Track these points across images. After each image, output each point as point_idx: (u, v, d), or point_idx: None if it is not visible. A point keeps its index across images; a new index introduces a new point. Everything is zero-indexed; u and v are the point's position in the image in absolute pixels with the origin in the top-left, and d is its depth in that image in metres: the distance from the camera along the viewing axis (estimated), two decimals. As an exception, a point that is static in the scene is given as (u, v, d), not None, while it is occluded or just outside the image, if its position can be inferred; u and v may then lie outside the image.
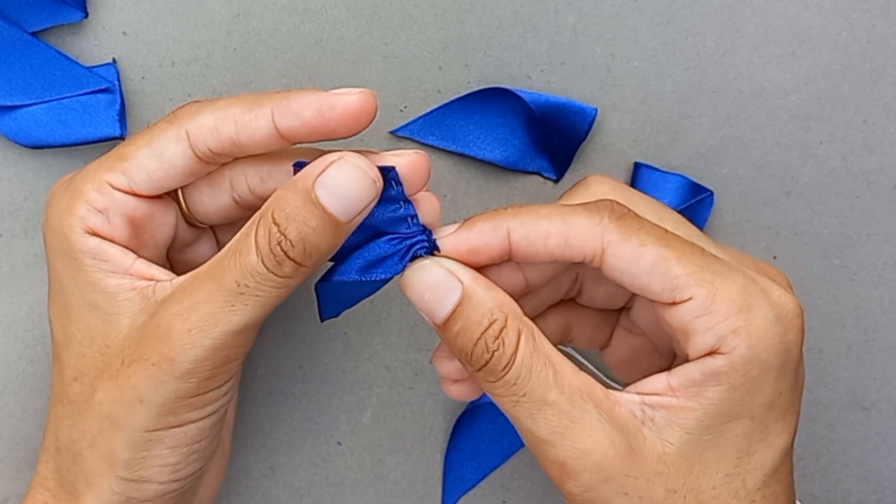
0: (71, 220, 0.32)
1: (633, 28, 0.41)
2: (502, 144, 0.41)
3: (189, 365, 0.31)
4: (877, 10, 0.41)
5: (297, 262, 0.30)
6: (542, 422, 0.30)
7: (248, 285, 0.30)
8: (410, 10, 0.41)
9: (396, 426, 0.42)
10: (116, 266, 0.32)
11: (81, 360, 0.33)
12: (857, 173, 0.42)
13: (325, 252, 0.30)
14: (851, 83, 0.41)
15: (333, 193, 0.30)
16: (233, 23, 0.40)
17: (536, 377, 0.30)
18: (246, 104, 0.32)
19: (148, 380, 0.31)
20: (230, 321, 0.30)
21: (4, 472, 0.41)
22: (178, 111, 0.33)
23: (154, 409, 0.31)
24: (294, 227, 0.30)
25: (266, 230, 0.30)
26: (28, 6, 0.39)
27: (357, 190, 0.30)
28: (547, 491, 0.42)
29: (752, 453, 0.31)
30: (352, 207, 0.30)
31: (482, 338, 0.30)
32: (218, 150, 0.32)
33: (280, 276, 0.30)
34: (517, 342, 0.30)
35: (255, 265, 0.30)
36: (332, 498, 0.42)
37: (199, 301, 0.31)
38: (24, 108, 0.39)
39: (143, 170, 0.32)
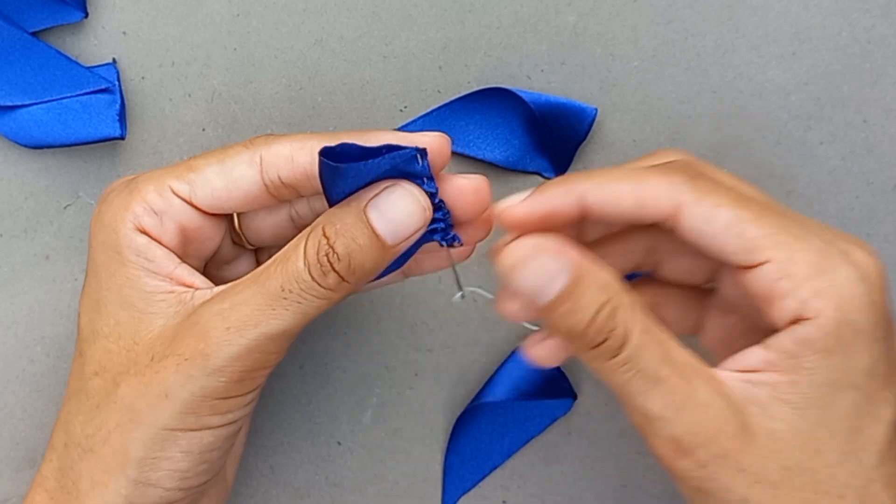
0: (125, 214, 0.33)
1: (633, 28, 0.41)
2: (502, 144, 0.41)
3: (222, 362, 0.31)
4: (877, 10, 0.41)
5: (341, 275, 0.31)
6: (656, 398, 0.30)
7: (292, 291, 0.31)
8: (410, 10, 0.41)
9: (396, 426, 0.42)
10: (159, 267, 0.33)
11: (106, 355, 0.33)
12: (857, 173, 0.42)
13: (369, 271, 0.31)
14: (851, 83, 0.41)
15: (384, 216, 0.31)
16: (233, 23, 0.40)
17: (650, 355, 0.30)
18: (324, 137, 0.33)
19: (177, 374, 0.31)
20: (269, 324, 0.31)
21: (4, 472, 0.41)
22: (255, 138, 0.34)
23: (178, 406, 0.31)
24: (342, 241, 0.31)
25: (315, 241, 0.31)
26: (28, 6, 0.39)
27: (407, 216, 0.31)
28: (547, 491, 0.42)
29: (863, 428, 0.30)
30: (400, 232, 0.31)
31: (595, 319, 0.30)
32: (289, 180, 0.33)
33: (323, 287, 0.31)
34: (630, 321, 0.30)
35: (300, 272, 0.31)
36: (332, 498, 0.42)
37: (240, 302, 0.31)
38: (24, 108, 0.39)
39: (209, 185, 0.33)
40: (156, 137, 0.41)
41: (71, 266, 0.41)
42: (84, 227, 0.41)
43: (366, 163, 0.30)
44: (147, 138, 0.41)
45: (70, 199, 0.41)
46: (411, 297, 0.42)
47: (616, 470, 0.42)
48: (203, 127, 0.41)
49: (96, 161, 0.40)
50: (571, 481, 0.42)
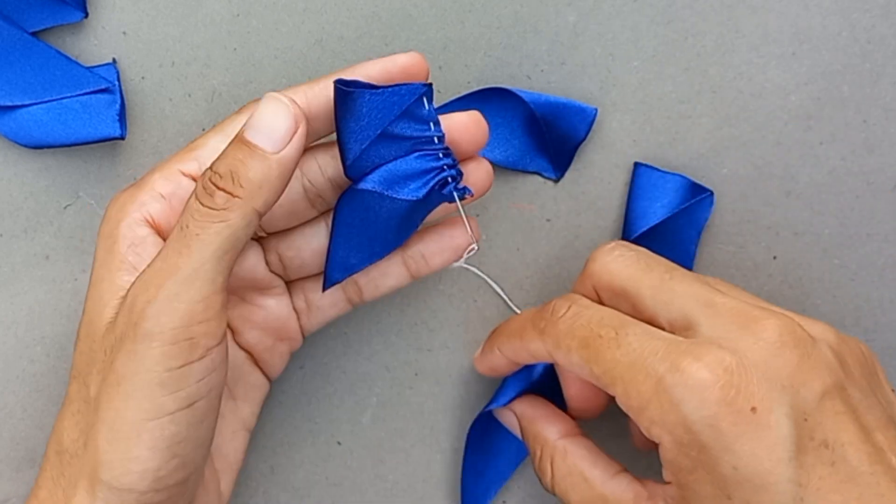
0: (129, 206, 0.33)
1: (633, 28, 0.41)
2: (502, 144, 0.41)
3: (150, 324, 0.30)
4: (877, 10, 0.41)
5: (227, 190, 0.31)
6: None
7: (188, 226, 0.31)
8: (410, 10, 0.41)
9: (396, 426, 0.42)
10: (140, 265, 0.33)
11: (79, 357, 0.33)
12: (857, 173, 0.42)
13: (256, 181, 0.31)
14: (851, 83, 0.41)
15: (254, 128, 0.31)
16: (233, 23, 0.40)
17: (573, 493, 0.35)
18: (311, 81, 0.34)
19: (122, 356, 0.31)
20: (180, 268, 0.31)
21: (4, 473, 0.41)
22: (245, 105, 0.35)
23: (129, 389, 0.31)
24: (223, 161, 0.31)
25: (201, 176, 0.32)
26: (28, 6, 0.39)
27: (276, 119, 0.32)
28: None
29: None
30: (274, 136, 0.31)
31: (534, 466, 0.38)
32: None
33: (214, 209, 0.31)
34: (551, 469, 0.36)
35: (192, 204, 0.31)
36: (332, 498, 0.42)
37: (153, 262, 0.31)
38: (24, 108, 0.39)
39: (215, 152, 0.33)
40: (156, 137, 0.41)
41: (71, 266, 0.41)
42: (84, 227, 0.41)
43: (376, 91, 0.32)
44: (147, 138, 0.41)
45: (70, 199, 0.41)
46: (411, 297, 0.42)
47: (616, 470, 0.42)
48: (203, 127, 0.41)
49: (96, 161, 0.41)
50: (571, 481, 0.42)
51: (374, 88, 0.33)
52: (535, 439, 0.37)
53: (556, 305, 0.36)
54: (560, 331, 0.35)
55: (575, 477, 0.36)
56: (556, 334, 0.35)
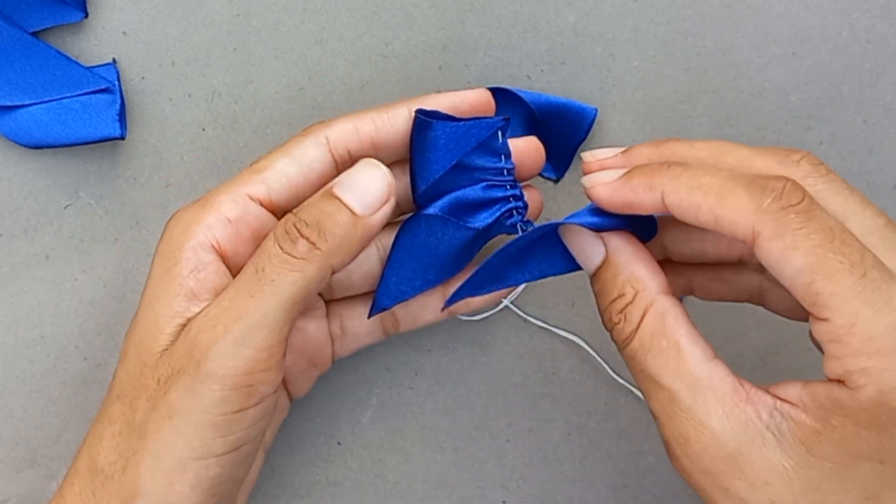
0: (196, 227, 0.32)
1: (633, 28, 0.41)
2: (502, 144, 0.41)
3: (214, 366, 0.30)
4: (877, 10, 0.41)
5: (311, 241, 0.31)
6: (655, 399, 0.31)
7: (265, 269, 0.31)
8: (410, 10, 0.41)
9: (396, 426, 0.42)
10: (202, 291, 0.32)
11: (126, 377, 0.32)
12: (857, 173, 0.42)
13: (340, 237, 0.31)
14: (851, 83, 0.41)
15: (349, 187, 0.32)
16: (233, 23, 0.40)
17: (654, 358, 0.30)
18: (381, 108, 0.34)
19: (177, 391, 0.30)
20: (249, 313, 0.30)
21: (4, 473, 0.41)
22: (308, 127, 0.34)
23: (181, 427, 0.30)
24: (310, 210, 0.31)
25: (284, 220, 0.31)
26: (28, 6, 0.39)
27: (371, 184, 0.32)
28: (547, 491, 0.42)
29: (882, 499, 0.29)
30: (367, 200, 0.32)
31: (609, 308, 0.32)
32: (357, 151, 0.34)
33: (295, 257, 0.31)
34: (639, 321, 0.31)
35: (270, 248, 0.31)
36: (332, 498, 0.42)
37: (223, 299, 0.31)
38: (24, 108, 0.39)
39: (283, 175, 0.33)
40: (156, 137, 0.41)
41: (71, 266, 0.41)
42: (84, 227, 0.41)
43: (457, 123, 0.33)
44: (147, 138, 0.41)
45: (70, 199, 0.41)
46: (411, 297, 0.42)
47: (616, 470, 0.42)
48: (203, 127, 0.41)
49: (96, 161, 0.41)
50: (571, 481, 0.42)
51: (453, 120, 0.33)
52: (628, 282, 0.31)
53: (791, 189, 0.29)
54: (796, 217, 0.28)
55: (667, 343, 0.30)
56: (789, 220, 0.28)
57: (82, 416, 0.41)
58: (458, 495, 0.42)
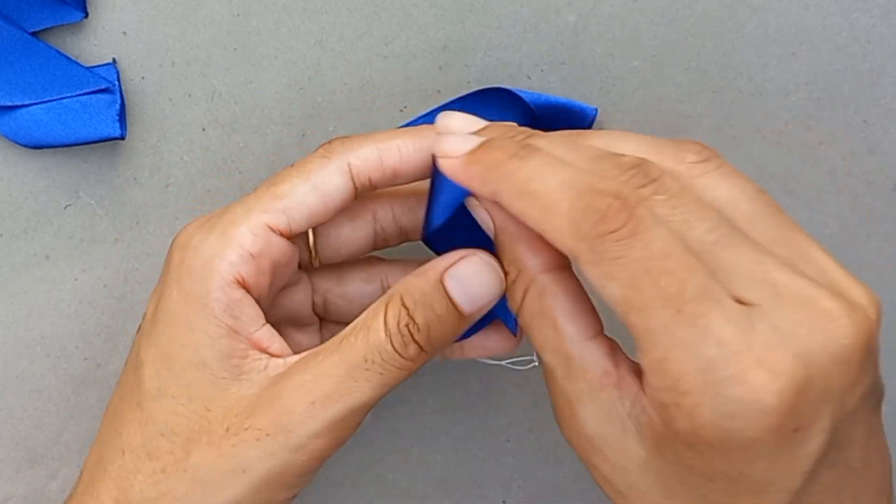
0: (220, 264, 0.32)
1: (633, 28, 0.41)
2: (502, 144, 0.41)
3: (305, 439, 0.31)
4: (877, 10, 0.41)
5: (421, 346, 0.31)
6: (542, 370, 0.31)
7: (374, 362, 0.31)
8: (410, 10, 0.41)
9: (396, 426, 0.42)
10: (243, 327, 0.32)
11: (174, 417, 0.32)
12: (857, 173, 0.42)
13: (446, 341, 0.32)
14: (851, 83, 0.41)
15: (462, 285, 0.31)
16: (233, 23, 0.40)
17: (535, 336, 0.31)
18: (408, 134, 0.33)
19: (258, 450, 0.31)
20: (352, 397, 0.31)
21: (4, 472, 0.41)
22: (331, 146, 0.33)
23: (254, 482, 0.31)
24: (421, 311, 0.31)
25: (395, 311, 0.31)
26: (28, 6, 0.39)
27: (485, 286, 0.31)
28: (547, 491, 0.42)
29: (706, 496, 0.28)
30: (477, 301, 0.31)
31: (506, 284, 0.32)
32: (378, 181, 0.33)
33: (404, 358, 0.31)
34: (521, 300, 0.31)
35: (383, 343, 0.31)
36: (332, 498, 0.42)
37: (322, 374, 0.31)
38: (24, 108, 0.39)
39: (305, 206, 0.32)
40: (156, 137, 0.41)
41: (71, 266, 0.41)
42: (84, 227, 0.41)
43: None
44: (147, 138, 0.41)
45: (70, 199, 0.41)
46: (411, 297, 0.42)
47: (616, 470, 0.42)
48: (203, 127, 0.41)
49: (96, 161, 0.41)
50: (571, 481, 0.42)
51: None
52: (512, 263, 0.31)
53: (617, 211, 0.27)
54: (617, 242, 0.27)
55: (545, 321, 0.30)
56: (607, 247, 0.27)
57: (82, 416, 0.41)
58: (458, 495, 0.42)
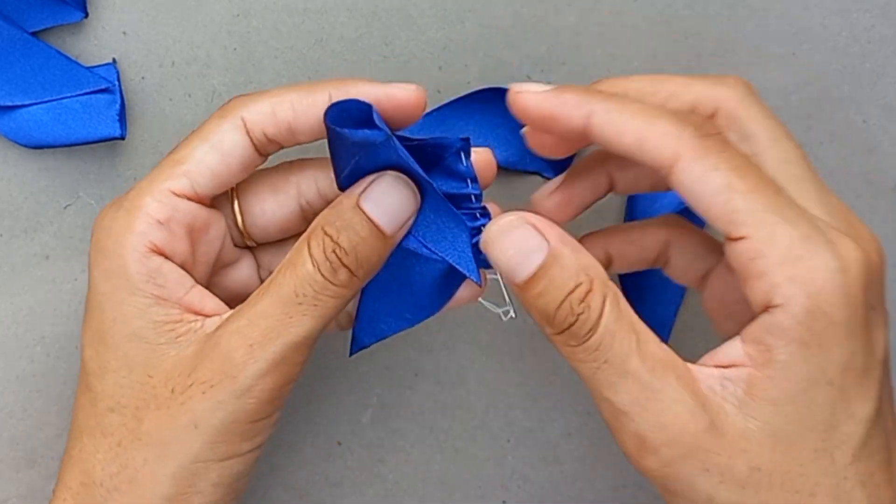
0: (130, 238, 0.32)
1: (633, 28, 0.41)
2: (502, 144, 0.41)
3: (250, 381, 0.31)
4: (877, 10, 0.41)
5: (351, 269, 0.31)
6: (623, 391, 0.29)
7: (306, 295, 0.31)
8: (410, 10, 0.41)
9: (396, 426, 0.42)
10: (171, 293, 0.32)
11: (119, 389, 0.32)
12: (857, 173, 0.42)
13: (374, 263, 0.31)
14: (851, 83, 0.41)
15: (378, 205, 0.31)
16: (233, 23, 0.40)
17: (619, 344, 0.29)
18: (302, 90, 0.33)
19: (205, 402, 0.31)
20: (290, 333, 0.31)
21: (4, 473, 0.41)
22: (227, 105, 0.33)
23: (209, 435, 0.31)
24: (345, 235, 0.31)
25: (319, 241, 0.31)
26: (28, 6, 0.39)
27: (401, 202, 0.31)
28: (547, 491, 0.42)
29: (838, 425, 0.29)
30: (396, 219, 0.31)
31: (567, 300, 0.29)
32: (273, 135, 0.33)
33: (336, 285, 0.31)
34: (602, 307, 0.29)
35: (311, 273, 0.31)
36: (332, 498, 0.42)
37: (257, 315, 0.31)
38: (24, 108, 0.39)
39: (205, 166, 0.32)
40: (156, 137, 0.41)
41: (71, 266, 0.41)
42: (84, 227, 0.41)
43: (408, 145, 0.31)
44: (147, 138, 0.41)
45: (70, 199, 0.41)
46: (411, 297, 0.42)
47: (616, 470, 0.42)
48: (203, 127, 0.41)
49: (96, 161, 0.41)
50: (571, 481, 0.42)
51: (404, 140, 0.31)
52: (582, 270, 0.30)
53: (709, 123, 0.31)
54: (716, 144, 0.30)
55: (628, 326, 0.29)
56: (710, 145, 0.29)
57: (82, 416, 0.41)
58: (458, 495, 0.42)
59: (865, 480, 0.29)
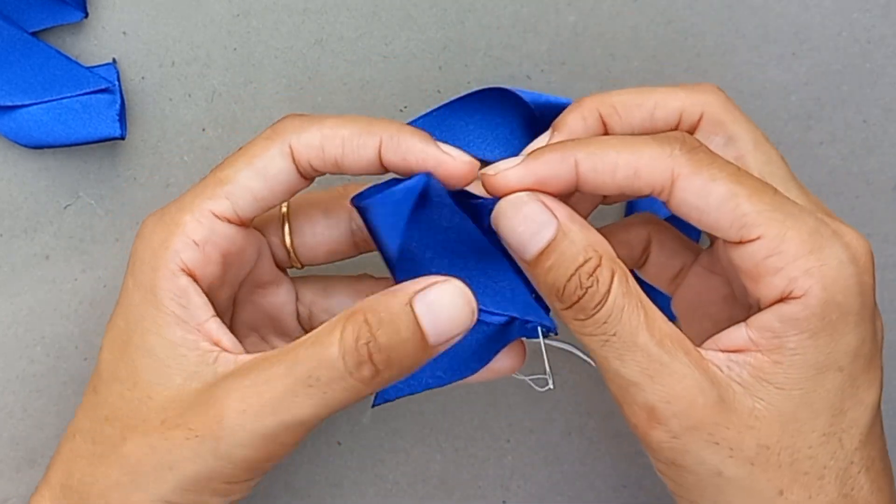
0: (166, 254, 0.32)
1: (633, 28, 0.41)
2: (502, 144, 0.41)
3: (232, 449, 0.30)
4: (877, 10, 0.41)
5: (378, 368, 0.29)
6: (632, 363, 0.29)
7: (320, 379, 0.29)
8: (410, 10, 0.41)
9: (396, 426, 0.42)
10: (192, 316, 0.32)
11: (119, 401, 0.32)
12: (857, 173, 0.42)
13: (405, 369, 0.30)
14: (851, 83, 0.41)
15: (432, 311, 0.29)
16: (233, 23, 0.40)
17: (628, 317, 0.29)
18: (356, 128, 0.32)
19: (185, 449, 0.30)
20: (289, 412, 0.29)
21: (4, 473, 0.41)
22: (278, 126, 0.32)
23: (180, 481, 0.30)
24: (385, 331, 0.29)
25: (355, 328, 0.29)
26: (28, 6, 0.39)
27: (455, 315, 0.29)
28: (547, 491, 0.43)
29: (846, 410, 0.30)
30: (445, 331, 0.29)
31: (576, 274, 0.29)
32: (319, 167, 0.32)
33: (354, 379, 0.29)
34: (611, 281, 0.29)
35: (334, 359, 0.29)
36: (332, 498, 0.42)
37: (262, 382, 0.30)
38: (24, 108, 0.39)
39: (248, 191, 0.32)
40: (156, 137, 0.41)
41: (71, 266, 0.41)
42: (84, 227, 0.41)
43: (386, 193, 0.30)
44: (147, 138, 0.41)
45: (70, 199, 0.41)
46: (411, 297, 0.42)
47: (616, 470, 0.42)
48: (203, 127, 0.41)
49: (96, 161, 0.41)
50: (571, 481, 0.42)
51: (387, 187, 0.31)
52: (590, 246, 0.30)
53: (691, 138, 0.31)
54: (706, 156, 0.30)
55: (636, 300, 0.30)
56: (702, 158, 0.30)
57: (82, 416, 0.41)
58: (458, 495, 0.42)
59: (869, 466, 0.30)
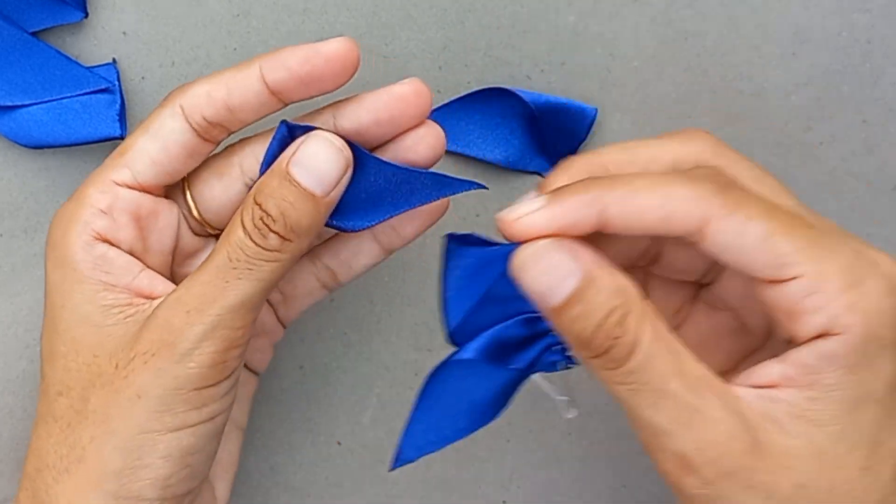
0: (75, 227, 0.33)
1: (633, 28, 0.41)
2: (502, 144, 0.41)
3: (189, 345, 0.31)
4: (877, 10, 0.41)
5: (281, 234, 0.31)
6: (663, 412, 0.28)
7: (239, 259, 0.31)
8: (410, 10, 0.41)
9: (396, 426, 0.42)
10: (118, 279, 0.32)
11: (66, 373, 0.32)
12: (857, 173, 0.42)
13: (307, 226, 0.31)
14: (851, 83, 0.41)
15: (305, 168, 0.31)
16: (233, 23, 0.40)
17: (658, 365, 0.28)
18: (234, 68, 0.33)
19: (147, 372, 0.31)
20: (227, 297, 0.31)
21: (4, 473, 0.41)
22: (169, 94, 0.34)
23: (152, 405, 0.31)
24: (272, 202, 0.31)
25: (249, 210, 0.31)
26: (28, 6, 0.39)
27: (327, 162, 0.31)
28: (547, 491, 0.42)
29: (883, 442, 0.29)
30: (325, 180, 0.31)
31: (604, 324, 0.28)
32: (212, 117, 0.33)
33: (267, 249, 0.31)
34: (639, 329, 0.28)
35: (242, 239, 0.31)
36: (332, 498, 0.42)
37: (194, 284, 0.31)
38: (24, 108, 0.39)
39: (145, 155, 0.33)
40: (156, 137, 0.41)
41: (71, 266, 0.41)
42: (84, 227, 0.41)
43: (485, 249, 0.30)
44: (147, 138, 0.41)
45: (70, 199, 0.41)
46: (411, 297, 0.42)
47: (616, 470, 0.42)
48: (203, 127, 0.41)
49: (96, 161, 0.40)
50: (571, 481, 0.42)
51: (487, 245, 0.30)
52: (618, 292, 0.29)
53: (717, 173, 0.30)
54: (739, 193, 0.29)
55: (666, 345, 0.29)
56: (736, 197, 0.29)
57: (82, 416, 0.41)
58: (458, 495, 0.42)
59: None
